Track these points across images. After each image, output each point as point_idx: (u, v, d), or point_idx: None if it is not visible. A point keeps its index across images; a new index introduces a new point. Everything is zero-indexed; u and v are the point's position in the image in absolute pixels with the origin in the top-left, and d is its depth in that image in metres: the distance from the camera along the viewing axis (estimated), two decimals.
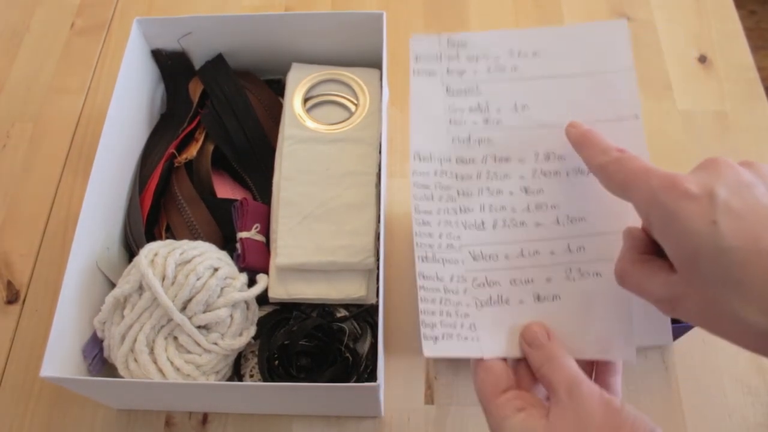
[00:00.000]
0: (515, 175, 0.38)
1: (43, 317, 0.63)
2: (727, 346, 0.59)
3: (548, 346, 0.35)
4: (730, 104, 0.74)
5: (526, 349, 0.36)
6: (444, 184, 0.38)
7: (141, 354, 0.50)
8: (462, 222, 0.38)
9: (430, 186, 0.38)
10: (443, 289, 0.38)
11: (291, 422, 0.57)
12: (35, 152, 0.73)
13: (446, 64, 0.39)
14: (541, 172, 0.37)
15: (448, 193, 0.38)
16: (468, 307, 0.37)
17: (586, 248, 0.37)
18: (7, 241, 0.67)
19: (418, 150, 0.38)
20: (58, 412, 0.58)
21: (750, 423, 0.56)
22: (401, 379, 0.58)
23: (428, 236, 0.38)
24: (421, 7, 0.83)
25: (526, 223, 0.37)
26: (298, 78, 0.66)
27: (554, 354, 0.35)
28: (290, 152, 0.61)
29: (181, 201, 0.61)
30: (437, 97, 0.38)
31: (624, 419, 0.31)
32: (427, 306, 0.38)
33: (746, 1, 1.63)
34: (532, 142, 0.38)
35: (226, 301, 0.52)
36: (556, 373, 0.34)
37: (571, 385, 0.33)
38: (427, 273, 0.38)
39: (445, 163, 0.38)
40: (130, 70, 0.62)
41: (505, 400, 0.34)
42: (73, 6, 0.85)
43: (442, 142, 0.38)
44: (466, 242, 0.38)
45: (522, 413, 0.33)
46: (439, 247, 0.38)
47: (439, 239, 0.38)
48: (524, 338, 0.36)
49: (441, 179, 0.38)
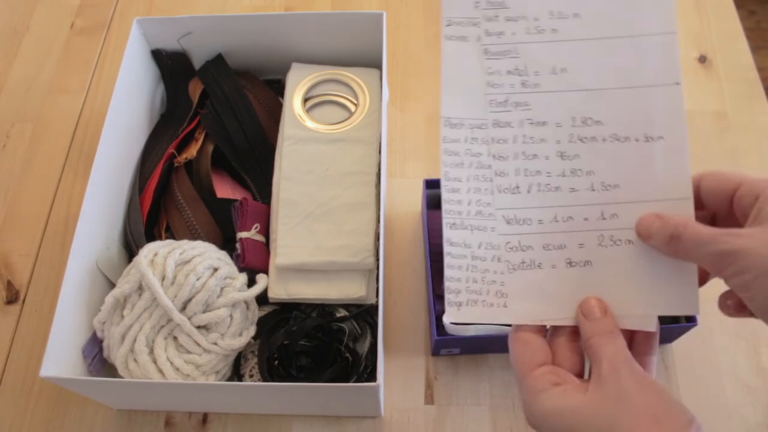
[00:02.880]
0: (552, 140, 0.37)
1: (43, 317, 0.63)
2: (727, 346, 0.59)
3: (603, 320, 0.35)
4: (730, 104, 0.74)
5: (581, 319, 0.36)
6: (474, 151, 0.38)
7: (141, 354, 0.50)
8: (496, 186, 0.38)
9: (460, 153, 0.38)
10: (470, 256, 0.38)
11: (291, 422, 0.57)
12: (35, 152, 0.73)
13: (484, 26, 0.38)
14: (577, 137, 0.37)
15: (478, 160, 0.38)
16: (495, 274, 0.37)
17: (620, 216, 0.37)
18: (7, 241, 0.67)
19: (449, 116, 0.38)
20: (58, 412, 0.58)
21: (750, 423, 0.56)
22: (401, 379, 0.59)
23: (457, 203, 0.38)
24: (421, 7, 0.83)
25: (561, 188, 0.37)
26: (298, 78, 0.66)
27: (607, 329, 0.35)
28: (290, 152, 0.61)
29: (181, 201, 0.61)
30: (471, 62, 0.38)
31: (664, 404, 0.31)
32: (453, 272, 0.38)
33: (746, 1, 1.63)
34: (570, 107, 0.37)
35: (226, 301, 0.52)
36: (605, 348, 0.34)
37: (617, 362, 0.33)
38: (455, 240, 0.38)
39: (477, 130, 0.38)
40: (130, 70, 0.62)
41: (540, 374, 0.34)
42: (73, 6, 0.85)
43: (475, 107, 0.38)
44: (500, 206, 0.38)
45: (558, 387, 0.33)
46: (468, 215, 0.38)
47: (468, 206, 0.38)
48: (581, 309, 0.36)
49: (472, 146, 0.38)
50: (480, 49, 0.38)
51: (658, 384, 0.32)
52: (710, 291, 0.63)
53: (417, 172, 0.70)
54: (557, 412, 0.33)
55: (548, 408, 0.33)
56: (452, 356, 0.59)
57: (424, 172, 0.70)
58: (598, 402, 0.32)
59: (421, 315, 0.62)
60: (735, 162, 0.69)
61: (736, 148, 0.70)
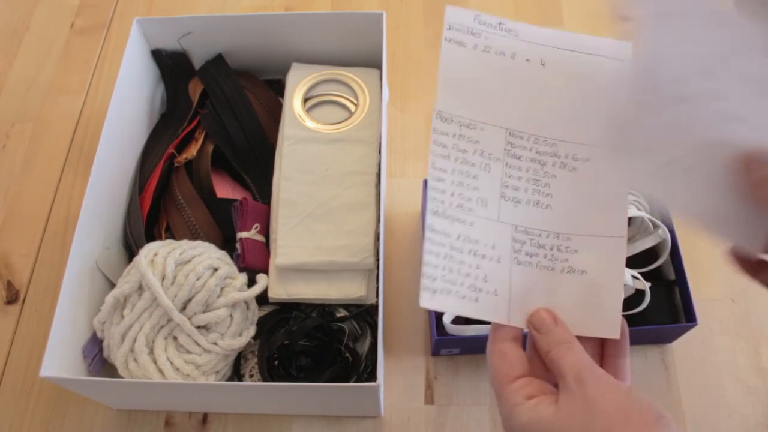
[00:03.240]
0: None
1: (43, 317, 0.63)
2: (727, 346, 0.59)
3: (556, 332, 0.36)
4: None
5: (534, 334, 0.36)
6: (461, 147, 0.39)
7: (141, 354, 0.50)
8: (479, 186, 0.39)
9: (447, 146, 0.39)
10: (449, 246, 0.39)
11: (291, 422, 0.57)
12: (35, 152, 0.73)
13: (483, 41, 0.40)
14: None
15: (464, 157, 0.39)
16: (470, 268, 0.38)
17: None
18: (7, 241, 0.67)
19: (441, 110, 0.39)
20: (58, 412, 0.58)
21: (750, 423, 0.56)
22: (401, 379, 0.59)
23: (441, 192, 0.39)
24: (421, 7, 0.83)
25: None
26: (298, 78, 0.66)
27: (562, 339, 0.35)
28: (290, 152, 0.61)
29: (181, 201, 0.61)
30: (467, 67, 0.40)
31: (632, 404, 0.31)
32: (431, 258, 0.38)
33: None
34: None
35: (226, 301, 0.52)
36: (564, 359, 0.34)
37: (580, 370, 0.33)
38: (437, 226, 0.39)
39: (465, 129, 0.39)
40: (130, 70, 0.62)
41: (516, 387, 0.35)
42: (73, 6, 0.85)
43: (467, 108, 0.40)
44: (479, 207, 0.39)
45: (532, 401, 0.34)
46: (450, 205, 0.39)
47: (450, 197, 0.39)
48: (532, 323, 0.37)
49: (459, 142, 0.39)
50: (476, 58, 0.40)
51: (622, 386, 0.33)
52: (710, 291, 0.64)
53: (417, 172, 0.70)
54: (532, 424, 0.33)
55: (523, 421, 0.33)
56: (452, 356, 0.59)
57: (424, 172, 0.70)
58: (568, 413, 0.32)
59: (421, 315, 0.62)
60: None
61: None
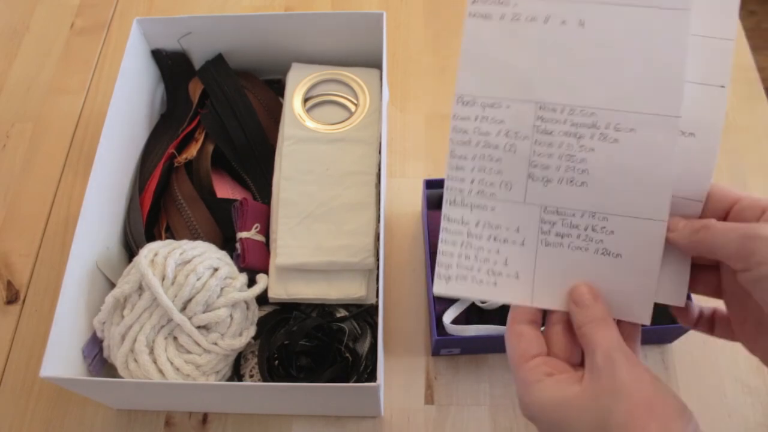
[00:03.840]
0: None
1: (43, 317, 0.63)
2: (727, 346, 0.59)
3: (594, 307, 0.35)
4: (730, 104, 0.74)
5: (572, 306, 0.36)
6: (483, 130, 0.37)
7: (141, 354, 0.50)
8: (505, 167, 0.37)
9: (468, 131, 0.38)
10: (466, 233, 0.38)
11: (291, 422, 0.57)
12: (35, 152, 0.73)
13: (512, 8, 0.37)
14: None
15: (486, 140, 0.37)
16: (490, 253, 0.38)
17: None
18: (7, 241, 0.67)
19: (462, 94, 0.38)
20: (58, 412, 0.58)
21: (750, 423, 0.56)
22: (401, 379, 0.59)
23: (460, 181, 0.38)
24: (421, 7, 0.83)
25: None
26: (298, 78, 0.66)
27: (599, 315, 0.35)
28: (290, 152, 0.61)
29: (181, 201, 0.61)
30: (492, 40, 0.38)
31: (658, 393, 0.31)
32: (446, 247, 0.38)
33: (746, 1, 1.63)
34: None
35: (226, 301, 0.52)
36: (598, 335, 0.33)
37: (611, 349, 0.33)
38: (453, 216, 0.38)
39: (488, 109, 0.37)
40: (130, 70, 0.62)
41: (534, 365, 0.34)
42: (73, 6, 0.85)
43: (491, 86, 0.37)
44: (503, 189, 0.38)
45: (552, 378, 0.33)
46: (469, 193, 0.38)
47: (470, 185, 0.38)
48: (572, 296, 0.36)
49: (481, 125, 0.37)
50: (504, 30, 0.37)
51: (650, 372, 0.32)
52: None
53: (417, 172, 0.70)
54: (552, 402, 0.33)
55: (542, 399, 0.33)
56: (452, 356, 0.59)
57: (424, 172, 0.70)
58: (593, 392, 0.32)
59: (421, 315, 0.62)
60: (735, 162, 0.69)
61: (736, 148, 0.70)
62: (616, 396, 0.31)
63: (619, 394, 0.31)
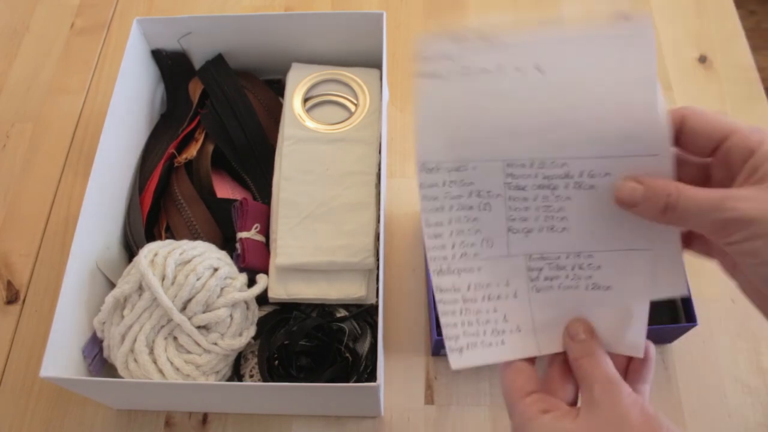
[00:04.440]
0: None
1: (43, 317, 0.63)
2: (727, 346, 0.59)
3: (589, 342, 0.35)
4: (730, 104, 0.74)
5: (567, 341, 0.36)
6: (454, 194, 0.37)
7: (141, 354, 0.50)
8: (482, 224, 0.37)
9: (439, 197, 0.37)
10: (462, 299, 0.37)
11: (291, 422, 0.57)
12: (35, 152, 0.73)
13: (462, 60, 0.34)
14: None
15: (459, 202, 0.37)
16: (488, 314, 0.37)
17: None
18: (7, 241, 0.67)
19: (424, 161, 0.36)
20: (58, 412, 0.58)
21: (750, 423, 0.56)
22: (401, 379, 0.59)
23: (441, 248, 0.37)
24: (421, 7, 0.83)
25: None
26: (298, 78, 0.66)
27: (595, 350, 0.35)
28: (290, 152, 0.61)
29: (181, 201, 0.61)
30: (447, 99, 0.35)
31: (658, 427, 0.31)
32: (447, 319, 0.37)
33: (746, 1, 1.63)
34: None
35: (226, 301, 0.52)
36: (595, 369, 0.34)
37: (609, 383, 0.33)
38: (444, 286, 0.37)
39: (454, 173, 0.36)
40: (130, 70, 0.62)
41: (531, 401, 0.34)
42: (73, 6, 0.85)
43: (454, 148, 0.36)
44: (482, 247, 0.37)
45: (548, 415, 0.33)
46: (453, 258, 0.37)
47: (452, 250, 0.37)
48: (568, 332, 0.37)
49: (450, 189, 0.36)
50: (456, 86, 0.34)
51: (649, 407, 0.32)
52: (710, 291, 0.63)
53: None
54: None
55: None
56: None
57: None
58: (591, 426, 0.32)
59: (421, 315, 0.62)
60: None
61: None
62: (616, 428, 0.31)
63: (618, 427, 0.31)
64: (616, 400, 0.32)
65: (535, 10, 0.82)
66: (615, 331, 0.37)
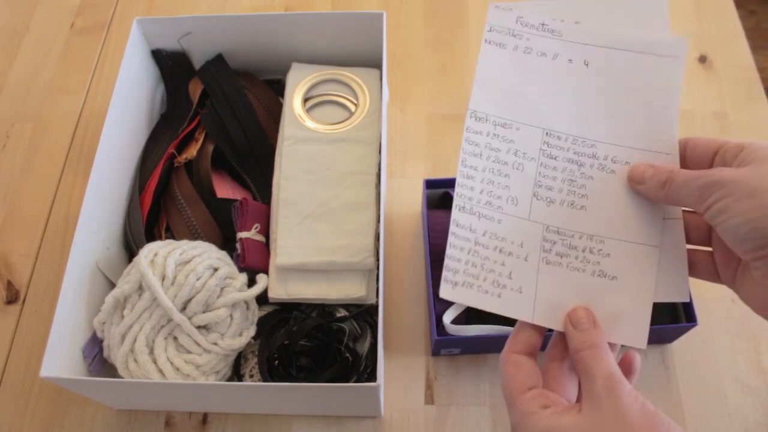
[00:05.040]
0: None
1: (43, 317, 0.63)
2: (727, 346, 0.59)
3: (592, 333, 0.35)
4: (730, 104, 0.74)
5: (569, 328, 0.36)
6: (494, 146, 0.39)
7: (141, 354, 0.50)
8: (512, 183, 0.39)
9: (480, 144, 0.39)
10: (474, 241, 0.39)
11: (291, 422, 0.57)
12: (35, 152, 0.73)
13: (516, 41, 0.40)
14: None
15: (497, 155, 0.39)
16: (495, 264, 0.39)
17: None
18: (7, 241, 0.67)
19: (475, 110, 0.40)
20: (58, 412, 0.58)
21: (750, 423, 0.56)
22: (401, 379, 0.59)
23: (469, 189, 0.39)
24: (421, 7, 0.83)
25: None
26: (298, 78, 0.66)
27: (597, 342, 0.35)
28: (290, 152, 0.61)
29: (181, 201, 0.61)
30: (506, 68, 0.40)
31: (659, 425, 0.31)
32: (454, 252, 0.39)
33: (746, 1, 1.63)
34: None
35: (226, 301, 0.52)
36: (597, 363, 0.34)
37: (611, 379, 0.33)
38: (462, 222, 0.39)
39: (500, 128, 0.40)
40: (130, 70, 0.62)
41: (530, 397, 0.34)
42: (73, 6, 0.85)
43: (503, 109, 0.40)
44: (510, 204, 0.39)
45: (548, 410, 0.33)
46: (478, 202, 0.39)
47: (479, 194, 0.39)
48: (570, 319, 0.37)
49: (492, 141, 0.40)
50: (516, 59, 0.40)
51: (649, 404, 0.32)
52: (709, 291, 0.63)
53: (417, 172, 0.70)
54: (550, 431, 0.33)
55: (540, 429, 0.33)
56: (452, 356, 0.59)
57: (424, 172, 0.70)
58: (593, 421, 0.32)
59: (421, 315, 0.62)
60: None
61: None
62: (618, 426, 0.31)
63: (620, 424, 0.31)
64: (618, 397, 0.32)
65: None
66: (616, 321, 0.37)
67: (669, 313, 0.57)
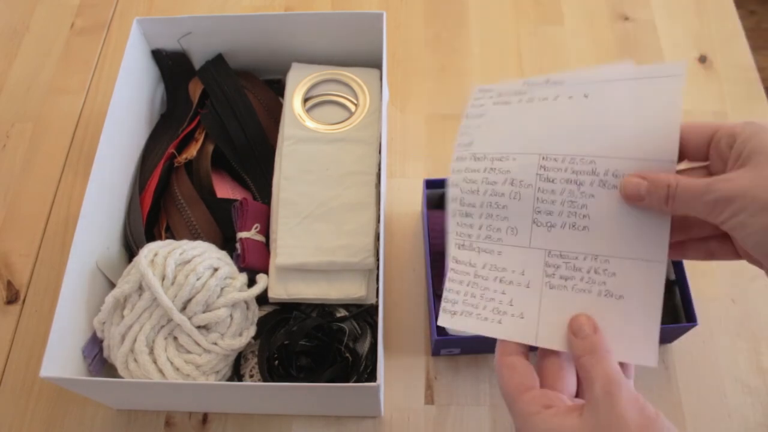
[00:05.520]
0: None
1: (43, 317, 0.63)
2: (727, 346, 0.59)
3: (592, 338, 0.35)
4: (730, 104, 0.74)
5: (570, 338, 0.36)
6: (491, 180, 0.40)
7: (141, 354, 0.50)
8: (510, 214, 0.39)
9: (477, 181, 0.40)
10: (473, 274, 0.39)
11: (291, 422, 0.57)
12: (35, 152, 0.73)
13: (521, 97, 0.41)
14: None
15: (493, 188, 0.39)
16: (495, 293, 0.39)
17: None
18: (7, 241, 0.67)
19: (475, 152, 0.40)
20: (58, 412, 0.58)
21: (750, 423, 0.56)
22: (401, 379, 0.59)
23: (468, 227, 0.40)
24: (421, 7, 0.83)
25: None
26: (298, 78, 0.66)
27: (598, 347, 0.35)
28: (290, 152, 0.61)
29: (181, 201, 0.61)
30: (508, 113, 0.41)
31: (659, 429, 0.31)
32: (453, 285, 0.39)
33: (746, 1, 1.63)
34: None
35: (226, 301, 0.52)
36: (597, 367, 0.33)
37: (611, 382, 0.32)
38: (461, 258, 0.40)
39: (496, 162, 0.40)
40: (130, 70, 0.62)
41: (531, 398, 0.34)
42: (73, 6, 0.85)
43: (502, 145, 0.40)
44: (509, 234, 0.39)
45: (550, 410, 0.33)
46: (477, 238, 0.40)
47: (478, 230, 0.40)
48: (571, 327, 0.36)
49: (489, 176, 0.40)
50: (518, 108, 0.40)
51: (650, 407, 0.32)
52: (710, 291, 0.64)
53: (417, 172, 0.70)
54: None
55: (544, 429, 0.33)
56: (452, 356, 0.59)
57: (424, 172, 0.70)
58: (593, 425, 0.32)
59: (421, 315, 0.62)
60: None
61: None
62: (613, 429, 0.31)
63: (616, 427, 0.31)
64: (615, 400, 0.32)
65: (534, 10, 0.82)
66: (625, 339, 0.36)
67: (669, 313, 0.57)
